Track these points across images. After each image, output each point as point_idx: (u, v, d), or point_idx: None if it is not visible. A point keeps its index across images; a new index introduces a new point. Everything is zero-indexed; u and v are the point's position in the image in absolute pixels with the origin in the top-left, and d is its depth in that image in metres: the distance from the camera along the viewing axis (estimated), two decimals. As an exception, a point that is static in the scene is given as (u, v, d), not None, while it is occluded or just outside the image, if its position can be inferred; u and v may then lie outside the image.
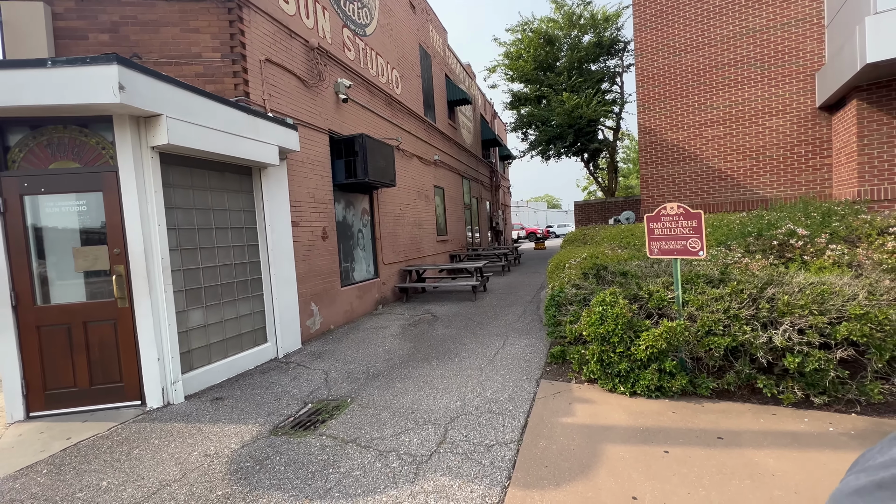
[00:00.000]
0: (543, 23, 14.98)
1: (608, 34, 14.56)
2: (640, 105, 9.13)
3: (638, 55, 9.13)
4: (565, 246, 8.70)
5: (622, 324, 3.34)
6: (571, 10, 14.49)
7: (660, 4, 8.78)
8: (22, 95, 3.29)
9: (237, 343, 4.75)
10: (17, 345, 3.65)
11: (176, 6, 4.99)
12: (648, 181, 9.19)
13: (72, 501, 2.47)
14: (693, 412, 3.09)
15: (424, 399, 3.66)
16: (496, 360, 4.59)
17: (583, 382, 3.75)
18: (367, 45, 8.31)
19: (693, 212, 3.43)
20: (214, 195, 4.60)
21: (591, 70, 15.17)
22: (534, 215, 52.82)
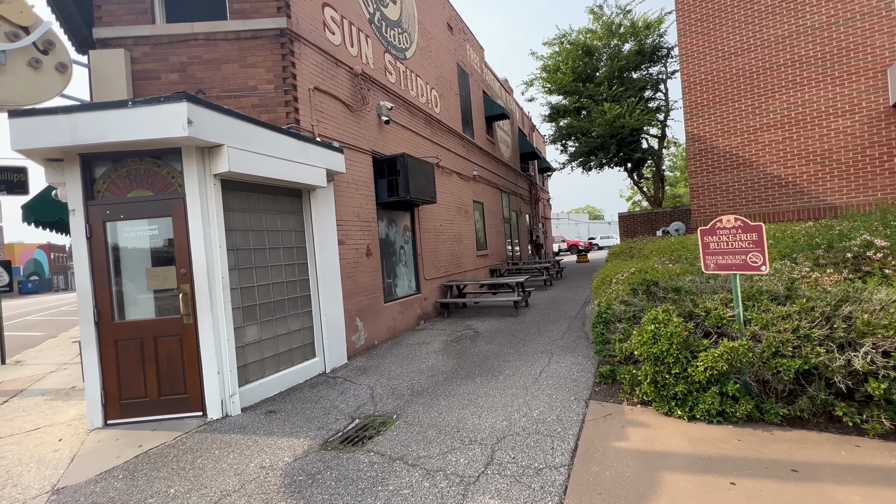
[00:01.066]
0: (582, 34, 14.87)
1: (650, 41, 14.19)
2: (687, 112, 8.78)
3: (683, 61, 8.83)
4: (610, 259, 8.42)
5: (677, 343, 3.17)
6: (610, 20, 14.28)
7: (705, 9, 8.48)
8: (108, 133, 3.69)
9: (288, 358, 4.95)
10: (98, 358, 4.00)
11: (235, 45, 5.43)
12: (699, 190, 8.75)
13: (144, 507, 2.65)
14: (761, 441, 2.86)
15: (470, 417, 3.63)
16: (542, 378, 4.48)
17: (635, 404, 3.58)
18: (407, 67, 8.61)
19: (753, 224, 3.23)
20: (268, 217, 4.88)
21: (632, 78, 14.80)
22: (575, 227, 51.58)
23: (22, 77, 4.63)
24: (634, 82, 14.38)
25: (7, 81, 4.46)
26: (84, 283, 3.99)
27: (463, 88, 11.84)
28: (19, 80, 4.59)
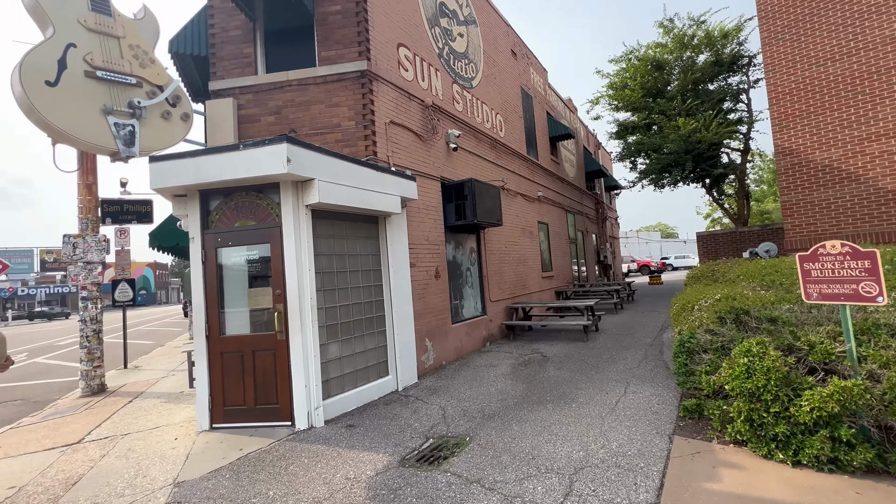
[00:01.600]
0: (651, 49, 14.39)
1: (728, 51, 13.36)
2: (775, 124, 8.12)
3: (768, 70, 8.23)
4: (690, 283, 7.88)
5: (776, 379, 2.93)
6: (682, 32, 13.69)
7: (794, 14, 7.88)
8: (223, 172, 4.29)
9: (364, 375, 5.24)
10: (207, 367, 4.55)
11: (322, 88, 6.05)
12: (792, 208, 7.97)
13: (248, 506, 2.95)
14: (887, 497, 2.52)
15: (544, 445, 3.59)
16: (618, 408, 4.30)
17: (727, 444, 3.32)
18: (473, 95, 8.94)
19: (864, 251, 2.93)
20: (348, 242, 5.28)
21: (709, 90, 13.96)
22: (646, 246, 48.65)
23: (156, 127, 5.55)
24: (711, 94, 13.54)
25: (146, 131, 5.38)
26: (199, 301, 4.59)
27: (527, 111, 11.97)
28: (154, 129, 5.50)
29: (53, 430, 4.97)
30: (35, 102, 4.47)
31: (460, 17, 8.85)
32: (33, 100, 4.46)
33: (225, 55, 6.31)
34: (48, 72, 4.64)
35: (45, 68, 4.62)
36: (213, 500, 3.05)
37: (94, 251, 6.80)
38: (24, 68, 4.43)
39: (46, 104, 4.58)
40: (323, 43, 6.14)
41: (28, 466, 3.94)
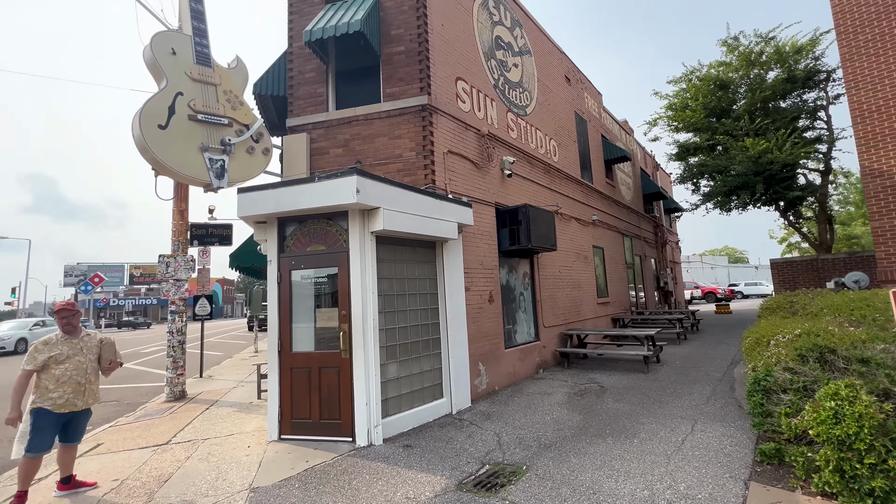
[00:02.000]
0: (713, 68, 13.86)
1: (802, 66, 12.55)
2: (861, 143, 7.48)
3: (850, 87, 7.66)
4: (765, 315, 7.30)
5: (870, 427, 2.68)
6: (749, 50, 13.08)
7: (878, 29, 7.34)
8: (299, 202, 4.73)
9: (420, 396, 5.37)
10: (278, 381, 4.91)
11: (386, 121, 6.50)
12: (885, 235, 7.22)
13: (316, 516, 3.14)
14: None
15: (605, 480, 3.48)
16: (685, 447, 4.07)
17: (813, 495, 3.04)
18: (527, 122, 9.11)
19: (973, 288, 2.65)
20: (408, 266, 5.53)
21: (780, 108, 13.10)
22: (711, 272, 45.37)
23: (242, 161, 6.23)
24: (783, 112, 12.70)
25: (234, 165, 6.05)
26: (273, 319, 5.00)
27: (581, 135, 11.93)
28: (240, 163, 6.18)
29: (145, 431, 5.55)
30: (149, 143, 5.24)
31: (515, 49, 9.14)
32: (148, 141, 5.24)
33: (300, 95, 6.98)
34: (160, 117, 5.43)
35: (158, 114, 5.42)
36: (284, 508, 3.27)
37: (183, 270, 7.62)
38: (143, 115, 5.23)
39: (157, 144, 5.34)
40: (387, 81, 6.63)
41: (127, 462, 4.44)
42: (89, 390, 3.77)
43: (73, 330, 3.77)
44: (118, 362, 4.04)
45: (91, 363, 3.80)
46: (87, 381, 3.73)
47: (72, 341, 3.73)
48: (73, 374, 3.65)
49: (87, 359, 3.77)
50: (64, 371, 3.62)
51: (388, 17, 6.73)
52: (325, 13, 6.58)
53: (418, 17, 6.58)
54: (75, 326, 3.79)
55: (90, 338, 3.89)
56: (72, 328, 3.77)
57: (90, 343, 3.85)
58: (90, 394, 3.78)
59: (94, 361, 3.83)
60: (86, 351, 3.78)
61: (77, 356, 3.71)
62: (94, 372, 3.83)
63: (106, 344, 3.96)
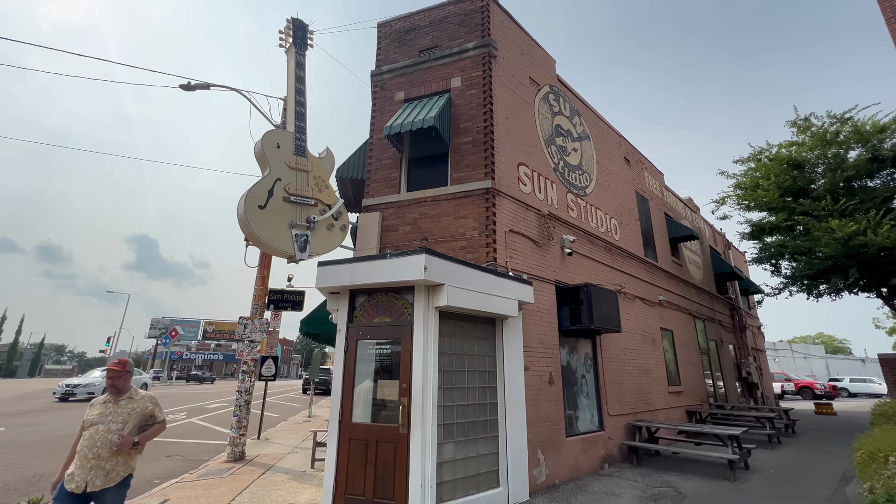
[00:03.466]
0: (784, 148, 13.48)
1: (888, 145, 11.83)
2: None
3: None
4: (879, 423, 6.27)
5: None
6: (823, 130, 12.67)
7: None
8: (372, 276, 5.11)
9: (475, 482, 5.10)
10: (336, 451, 4.95)
11: (452, 202, 6.99)
12: None
13: None
14: None
15: None
16: (790, 583, 3.43)
17: None
18: (587, 202, 9.29)
19: None
20: (467, 342, 5.59)
21: (868, 188, 12.21)
22: (804, 362, 39.76)
23: (322, 236, 6.94)
24: (874, 192, 11.79)
25: (315, 240, 6.75)
26: (337, 387, 5.19)
27: (643, 214, 11.84)
28: (321, 238, 6.88)
29: (207, 491, 5.72)
30: (250, 220, 6.09)
31: (574, 135, 9.66)
32: (249, 219, 6.09)
33: (377, 178, 7.80)
34: (261, 199, 6.34)
35: (259, 196, 6.34)
36: None
37: (258, 332, 8.24)
38: (248, 198, 6.16)
39: (256, 221, 6.18)
40: (455, 167, 7.25)
41: (190, 522, 4.57)
42: (98, 467, 3.01)
43: (117, 392, 3.26)
44: (154, 429, 3.37)
45: (109, 434, 3.09)
46: (97, 457, 3.02)
47: (109, 405, 3.23)
48: (84, 446, 3.06)
49: (108, 428, 3.11)
50: (83, 440, 3.10)
51: (457, 113, 7.55)
52: (403, 111, 7.54)
53: (485, 113, 7.31)
54: (120, 389, 3.26)
55: (131, 402, 3.28)
56: (116, 390, 3.26)
57: (126, 409, 3.24)
58: (98, 472, 3.01)
59: (116, 432, 3.11)
60: (112, 419, 3.16)
61: (99, 424, 3.13)
62: (110, 446, 3.08)
63: (145, 409, 3.32)
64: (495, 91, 7.55)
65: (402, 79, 8.23)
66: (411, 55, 8.42)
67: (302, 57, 8.18)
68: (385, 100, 8.27)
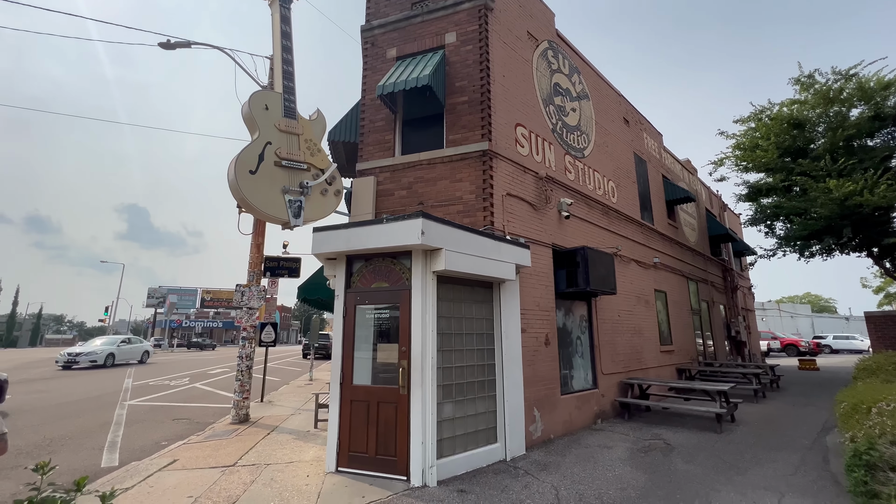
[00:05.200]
0: (785, 106, 13.19)
1: (891, 103, 11.59)
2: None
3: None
4: (861, 377, 6.51)
5: None
6: (827, 87, 12.36)
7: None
8: (368, 242, 5.05)
9: (474, 439, 5.29)
10: (339, 412, 5.08)
11: (448, 166, 6.84)
12: None
13: (374, 555, 3.15)
14: None
15: (677, 552, 3.20)
16: (771, 524, 3.65)
17: None
18: (585, 164, 9.14)
19: None
20: (465, 306, 5.62)
21: (868, 147, 12.08)
22: (791, 321, 40.95)
23: (316, 202, 6.80)
24: (873, 152, 11.67)
25: (309, 205, 6.62)
26: (337, 351, 5.25)
27: (640, 176, 11.70)
28: (315, 204, 6.75)
29: (214, 451, 5.90)
30: (241, 186, 5.93)
31: (573, 94, 9.36)
32: (240, 184, 5.93)
33: (370, 141, 7.57)
34: (251, 163, 6.15)
35: (249, 161, 6.15)
36: (344, 543, 3.32)
37: (256, 299, 8.25)
38: (238, 162, 5.96)
39: (247, 187, 6.02)
40: (450, 128, 7.03)
41: (200, 480, 4.74)
42: None
43: None
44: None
45: None
46: None
47: None
48: None
49: None
50: None
51: (452, 71, 7.23)
52: (395, 69, 7.21)
53: (481, 71, 7.01)
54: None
55: None
56: None
57: None
58: None
59: None
60: None
61: None
62: None
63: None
64: (492, 47, 7.21)
65: (394, 34, 7.83)
66: (403, 8, 7.96)
67: (287, 10, 7.70)
68: (376, 57, 7.90)
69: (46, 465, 2.03)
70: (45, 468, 2.02)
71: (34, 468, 2.01)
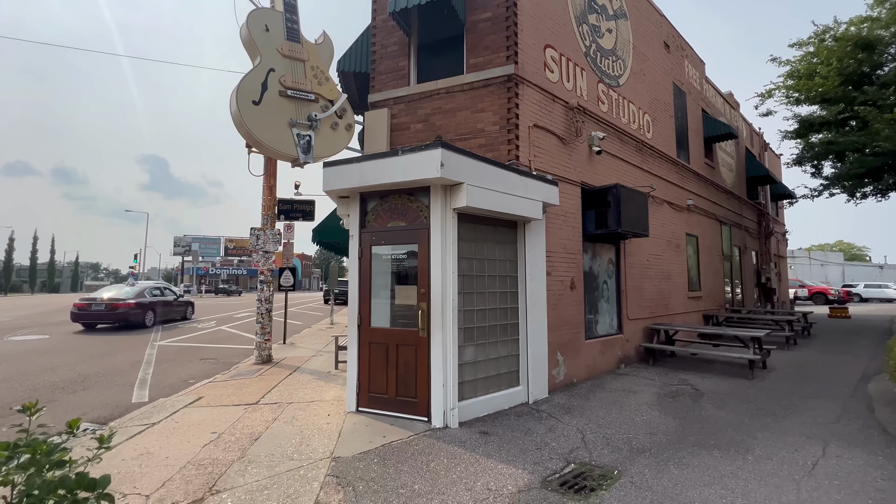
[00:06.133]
0: (854, 25, 11.53)
1: (983, 17, 9.94)
2: None
3: None
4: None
5: None
6: (905, -1, 10.64)
7: None
8: (382, 176, 4.63)
9: (496, 382, 5.15)
10: (357, 354, 4.96)
11: (469, 94, 6.18)
12: None
13: (396, 494, 3.07)
14: None
15: (717, 501, 3.01)
16: (818, 473, 3.42)
17: None
18: (619, 94, 8.26)
19: None
20: (488, 246, 5.26)
21: (946, 72, 10.60)
22: (821, 269, 39.59)
23: (326, 137, 6.32)
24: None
25: (319, 141, 6.16)
26: (354, 293, 5.04)
27: (679, 109, 10.65)
28: (324, 139, 6.27)
29: (237, 390, 5.98)
30: (245, 118, 5.48)
31: (609, 12, 8.26)
32: (244, 116, 5.47)
33: (382, 69, 6.89)
34: (254, 93, 5.64)
35: (252, 90, 5.64)
36: (365, 482, 3.25)
37: (271, 242, 8.07)
38: (240, 91, 5.46)
39: (252, 119, 5.57)
40: (472, 50, 6.28)
41: (223, 417, 4.78)
42: None
43: None
44: None
45: None
46: None
47: None
48: None
49: None
50: None
51: (474, -18, 6.33)
52: (409, -18, 6.34)
53: (507, -21, 6.10)
54: None
55: None
56: None
57: None
58: None
59: None
60: None
61: None
62: None
63: None
64: (519, -50, 6.22)
65: (407, -60, 6.83)
66: None
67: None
68: (387, -30, 6.97)
69: (34, 406, 1.83)
70: (32, 409, 1.82)
71: (20, 409, 1.82)
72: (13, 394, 5.92)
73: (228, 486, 3.20)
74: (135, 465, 3.55)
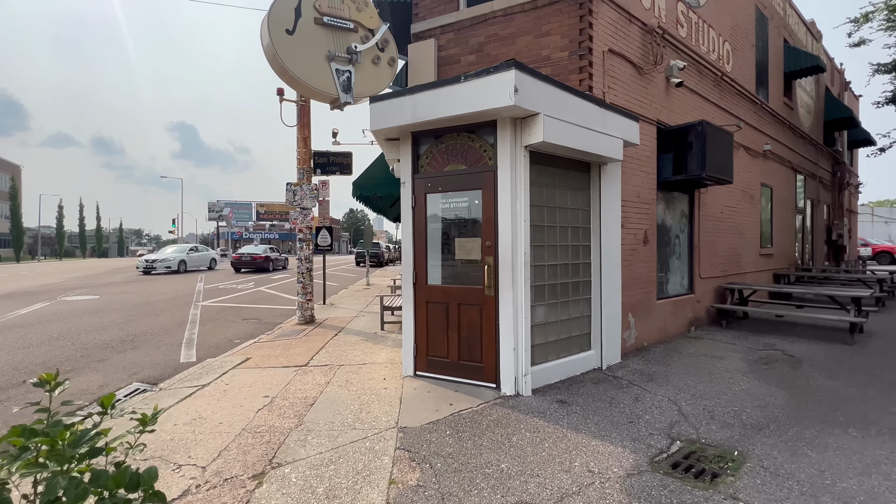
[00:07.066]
0: None
1: None
2: None
3: None
4: None
5: None
6: None
7: None
8: (439, 110, 3.93)
9: (567, 345, 4.60)
10: (413, 315, 4.49)
11: (531, 15, 5.26)
12: None
13: (482, 475, 2.62)
14: None
15: (885, 495, 2.40)
16: None
17: None
18: (699, 17, 7.03)
19: None
20: (559, 192, 4.55)
21: None
22: (884, 227, 36.43)
23: (367, 72, 5.60)
24: None
25: (359, 77, 5.45)
26: (407, 248, 4.50)
27: (760, 38, 9.18)
28: (366, 74, 5.55)
29: (284, 350, 5.71)
30: (278, 50, 4.82)
31: (692, -87, 6.87)
32: (277, 48, 4.81)
33: (426, -6, 5.99)
34: (287, 21, 4.94)
35: (285, 18, 4.93)
36: (442, 458, 2.82)
37: (308, 198, 7.61)
38: (271, 18, 4.77)
39: (286, 52, 4.90)
40: (534, -39, 5.28)
41: (274, 379, 4.47)
42: None
43: None
44: None
45: None
46: None
47: None
48: None
49: None
50: None
51: None
52: None
53: None
54: None
55: None
56: None
57: None
58: None
59: None
60: None
61: None
62: None
63: None
64: None
65: None
66: None
67: None
68: None
69: (54, 378, 1.38)
70: (52, 382, 1.37)
71: (35, 382, 1.37)
72: (65, 352, 5.87)
73: (290, 458, 2.84)
74: (188, 431, 3.26)
